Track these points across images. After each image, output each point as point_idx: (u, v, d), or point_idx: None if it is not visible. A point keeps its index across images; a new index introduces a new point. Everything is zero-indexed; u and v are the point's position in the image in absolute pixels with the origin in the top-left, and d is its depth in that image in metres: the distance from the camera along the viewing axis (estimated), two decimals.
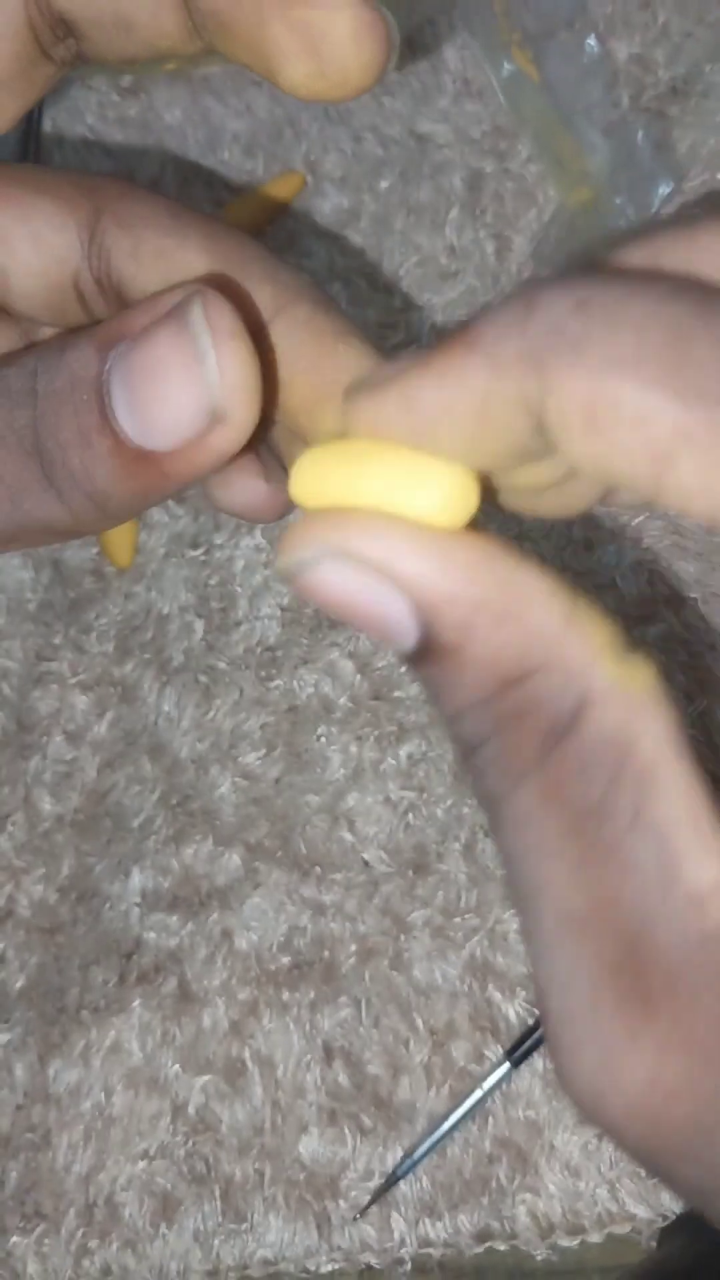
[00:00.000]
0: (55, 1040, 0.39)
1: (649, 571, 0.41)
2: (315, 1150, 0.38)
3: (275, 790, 0.41)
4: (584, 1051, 0.14)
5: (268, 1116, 0.38)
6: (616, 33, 0.46)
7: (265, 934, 0.39)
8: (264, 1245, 0.37)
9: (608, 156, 0.43)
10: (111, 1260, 0.37)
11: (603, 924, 0.14)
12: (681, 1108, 0.14)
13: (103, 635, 0.43)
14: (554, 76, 0.45)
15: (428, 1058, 0.38)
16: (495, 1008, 0.38)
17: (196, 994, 0.39)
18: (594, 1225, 0.37)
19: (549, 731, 0.14)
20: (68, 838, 0.41)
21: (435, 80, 0.46)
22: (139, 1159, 0.38)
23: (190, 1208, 0.38)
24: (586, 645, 0.15)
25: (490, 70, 0.46)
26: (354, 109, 0.46)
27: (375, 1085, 0.38)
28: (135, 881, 0.40)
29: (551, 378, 0.13)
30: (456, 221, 0.45)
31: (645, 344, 0.13)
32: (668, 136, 0.45)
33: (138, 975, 0.39)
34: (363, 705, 0.41)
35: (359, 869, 0.40)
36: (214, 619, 0.42)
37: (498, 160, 0.45)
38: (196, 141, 0.46)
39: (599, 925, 0.14)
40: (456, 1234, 0.37)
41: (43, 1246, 0.38)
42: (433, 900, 0.39)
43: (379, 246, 0.45)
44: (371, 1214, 0.37)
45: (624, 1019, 0.14)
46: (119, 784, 0.41)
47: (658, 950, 0.14)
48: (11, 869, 0.40)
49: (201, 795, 0.41)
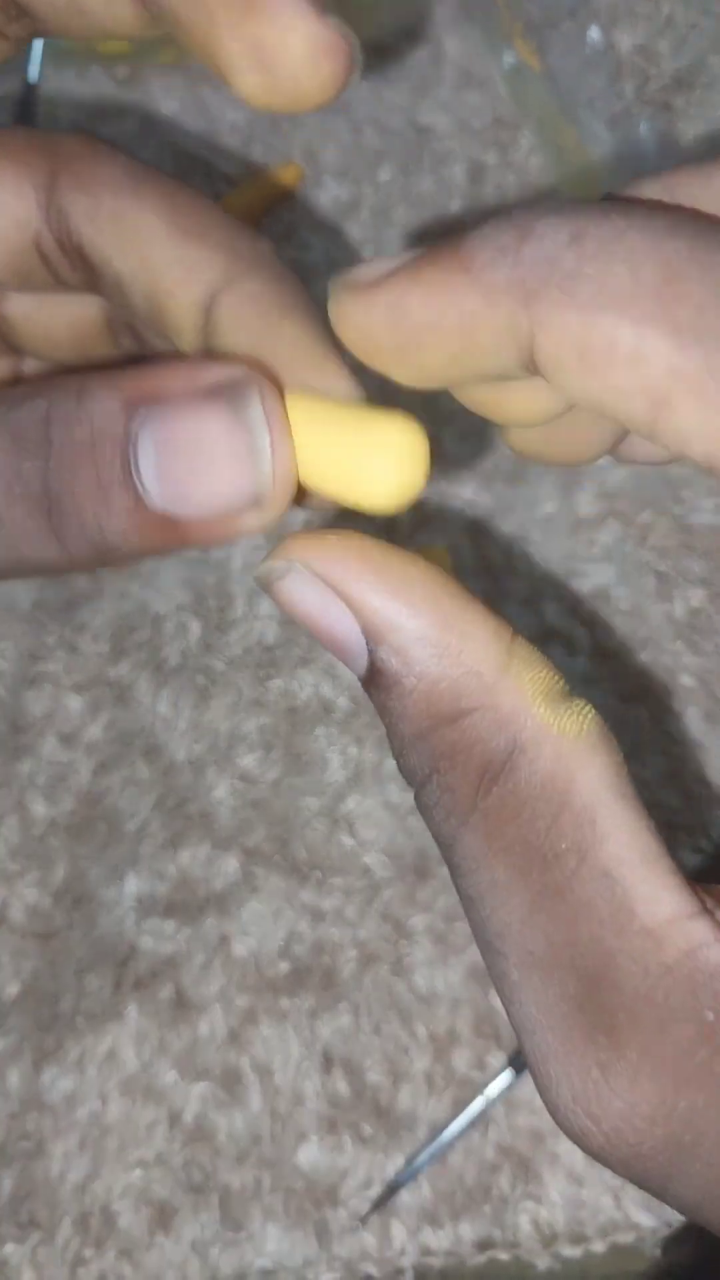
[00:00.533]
0: (50, 1048, 0.38)
1: (654, 574, 0.40)
2: (314, 1159, 0.37)
3: (273, 793, 0.40)
4: (562, 1086, 0.15)
5: (266, 1125, 0.38)
6: (620, 23, 0.46)
7: (263, 940, 0.39)
8: (262, 1254, 0.37)
9: (611, 148, 0.43)
10: (107, 1270, 0.37)
11: (563, 963, 0.15)
12: (659, 1131, 0.14)
13: (97, 635, 0.42)
14: (556, 67, 0.44)
15: (429, 1065, 0.38)
16: (497, 1014, 0.38)
17: (193, 1001, 0.38)
18: (598, 1234, 0.37)
19: (483, 772, 0.15)
20: (62, 842, 0.40)
21: (436, 71, 0.46)
22: (135, 1167, 0.38)
23: (187, 1217, 0.37)
24: (521, 689, 0.15)
25: (492, 61, 0.45)
26: (354, 100, 0.46)
27: (375, 1093, 0.37)
28: (131, 886, 0.39)
29: (543, 311, 0.14)
30: (458, 214, 0.44)
31: (640, 281, 0.13)
32: (672, 128, 0.44)
33: (133, 982, 0.39)
34: (362, 706, 0.40)
35: (359, 873, 0.39)
36: (211, 619, 0.42)
37: (500, 152, 0.45)
38: (194, 132, 0.46)
39: (560, 965, 0.15)
40: (458, 1243, 0.37)
41: (37, 1256, 0.37)
42: (434, 905, 0.39)
43: (379, 239, 0.44)
44: (372, 1223, 0.37)
45: (595, 1052, 0.15)
46: (114, 787, 0.40)
47: (620, 985, 0.14)
48: (4, 873, 0.40)
49: (198, 798, 0.40)
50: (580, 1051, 0.15)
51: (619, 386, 0.13)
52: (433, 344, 0.15)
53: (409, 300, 0.14)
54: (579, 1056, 0.15)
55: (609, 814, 0.14)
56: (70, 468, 0.15)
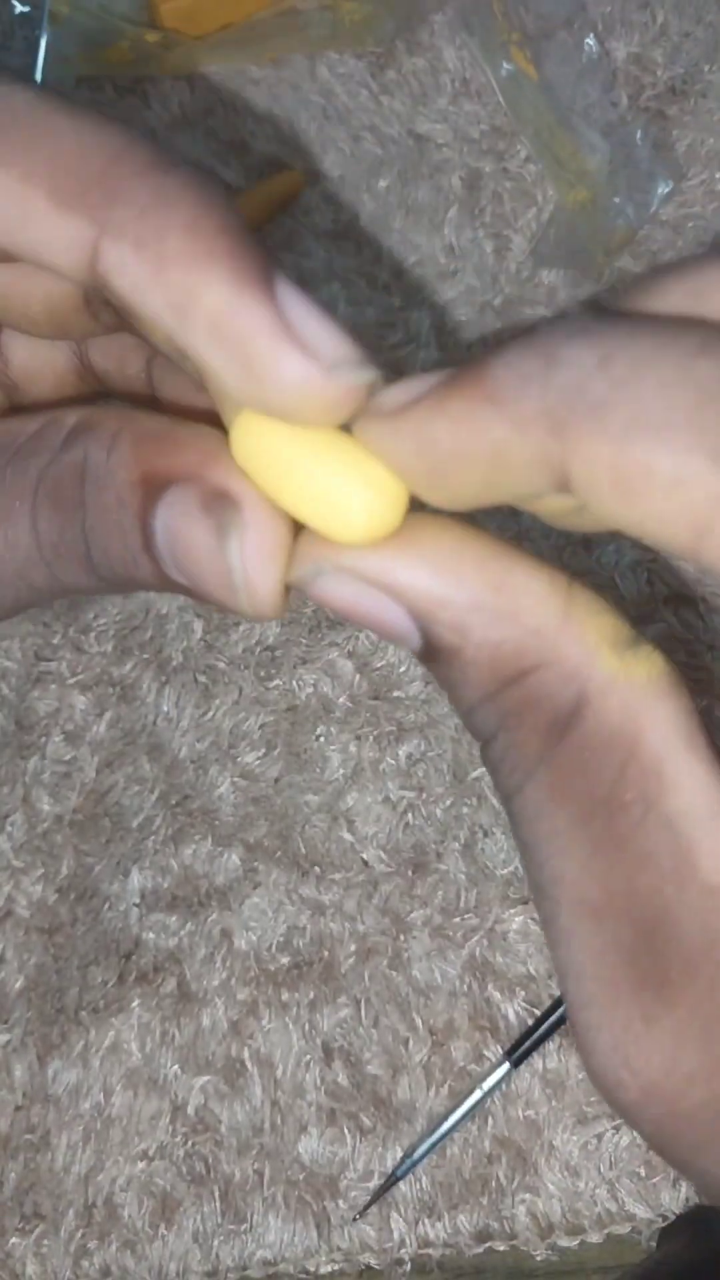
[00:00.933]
0: (54, 1040, 0.39)
1: (648, 571, 0.41)
2: (314, 1150, 0.38)
3: (274, 790, 0.41)
4: (602, 1034, 0.15)
5: (267, 1117, 0.38)
6: (615, 33, 0.46)
7: (264, 934, 0.39)
8: (263, 1246, 0.37)
9: (606, 156, 0.43)
10: (111, 1261, 0.37)
11: (618, 913, 0.14)
12: (699, 1092, 0.14)
13: (101, 635, 0.43)
14: (553, 76, 0.45)
15: (427, 1057, 0.38)
16: (495, 1007, 0.38)
17: (196, 994, 0.39)
18: (593, 1225, 0.37)
19: (550, 727, 0.14)
20: (67, 838, 0.41)
21: (434, 80, 0.46)
22: (138, 1159, 0.38)
23: (189, 1208, 0.38)
24: (584, 640, 0.14)
25: (489, 70, 0.46)
26: (353, 108, 0.46)
27: (374, 1085, 0.38)
28: (134, 881, 0.40)
29: (575, 441, 0.13)
30: (455, 221, 0.45)
31: (674, 406, 0.13)
32: (666, 136, 0.45)
33: (137, 975, 0.39)
34: (362, 705, 0.41)
35: (358, 868, 0.40)
36: (213, 619, 0.42)
37: (496, 160, 0.45)
38: (195, 141, 0.46)
39: (615, 914, 0.14)
40: (456, 1234, 0.37)
41: (42, 1247, 0.38)
42: (432, 900, 0.39)
43: (378, 246, 0.45)
44: (371, 1214, 0.37)
45: (641, 1004, 0.14)
46: (118, 784, 0.41)
47: (675, 939, 0.14)
48: (10, 869, 0.40)
49: (201, 795, 0.41)
50: (626, 1001, 0.14)
51: (659, 514, 0.13)
52: (463, 471, 0.14)
53: (436, 430, 0.14)
54: (624, 1006, 0.14)
55: (677, 765, 0.14)
56: (102, 528, 0.15)
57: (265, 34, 0.46)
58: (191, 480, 0.15)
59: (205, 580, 0.15)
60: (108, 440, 0.16)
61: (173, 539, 0.15)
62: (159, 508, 0.15)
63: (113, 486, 0.15)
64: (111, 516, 0.15)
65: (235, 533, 0.15)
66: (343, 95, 0.47)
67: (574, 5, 0.46)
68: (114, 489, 0.15)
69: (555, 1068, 0.38)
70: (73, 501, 0.15)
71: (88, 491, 0.15)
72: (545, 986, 0.38)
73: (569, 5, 0.46)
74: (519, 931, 0.39)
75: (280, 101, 0.47)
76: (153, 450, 0.15)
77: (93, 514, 0.15)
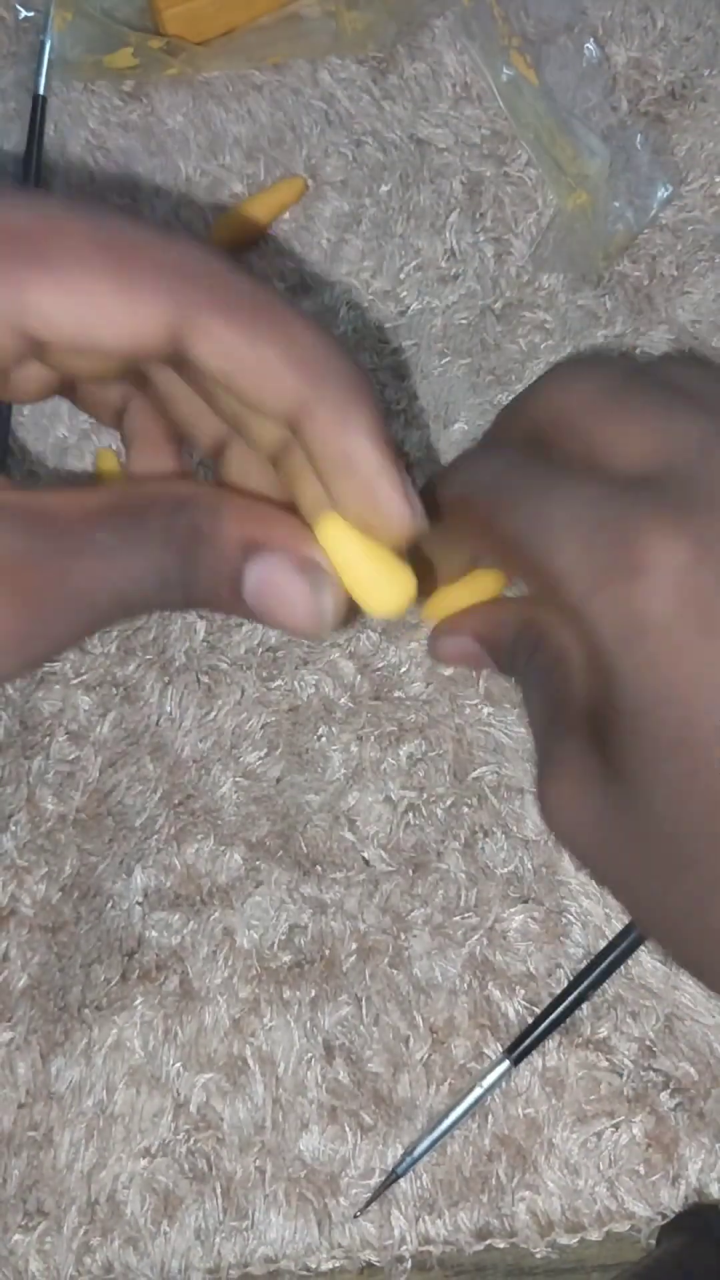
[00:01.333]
0: (57, 1038, 0.39)
1: None
2: (316, 1148, 0.38)
3: (276, 789, 0.41)
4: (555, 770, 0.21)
5: (269, 1114, 0.38)
6: (615, 37, 0.47)
7: (266, 932, 0.39)
8: (265, 1243, 0.38)
9: (606, 160, 0.44)
10: (113, 1258, 0.38)
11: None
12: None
13: (105, 636, 0.43)
14: (553, 81, 0.45)
15: (428, 1055, 0.38)
16: (495, 1005, 0.38)
17: (198, 992, 0.39)
18: (593, 1223, 0.37)
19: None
20: (70, 837, 0.41)
21: (435, 85, 0.47)
22: (141, 1157, 0.38)
23: (191, 1205, 0.38)
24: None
25: (489, 75, 0.46)
26: (355, 113, 0.47)
27: (375, 1083, 0.38)
28: (137, 880, 0.40)
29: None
30: (456, 225, 0.45)
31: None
32: (666, 141, 0.45)
33: (139, 973, 0.39)
34: (363, 705, 0.41)
35: (359, 867, 0.40)
36: (216, 620, 0.42)
37: (497, 164, 0.46)
38: (198, 145, 0.47)
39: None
40: (456, 1231, 0.37)
41: (45, 1244, 0.38)
42: (432, 898, 0.39)
43: (379, 250, 0.45)
44: (372, 1211, 0.37)
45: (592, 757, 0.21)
46: (121, 783, 0.41)
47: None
48: (14, 868, 0.41)
49: (203, 794, 0.41)
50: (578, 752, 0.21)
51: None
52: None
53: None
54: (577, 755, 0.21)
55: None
56: (204, 578, 0.20)
57: (268, 39, 0.46)
58: (287, 549, 0.21)
59: (294, 615, 0.21)
60: (210, 511, 0.21)
61: (264, 585, 0.21)
62: (253, 563, 0.20)
63: (218, 550, 0.20)
64: (212, 572, 0.20)
65: (328, 589, 0.21)
66: (344, 100, 0.47)
67: (574, 10, 0.46)
68: (218, 551, 0.20)
69: (555, 1066, 0.38)
70: (187, 558, 0.20)
71: (200, 550, 0.20)
72: (545, 985, 0.39)
73: (569, 10, 0.46)
74: (519, 930, 0.39)
75: (282, 106, 0.47)
76: (247, 522, 0.21)
77: (198, 566, 0.20)
